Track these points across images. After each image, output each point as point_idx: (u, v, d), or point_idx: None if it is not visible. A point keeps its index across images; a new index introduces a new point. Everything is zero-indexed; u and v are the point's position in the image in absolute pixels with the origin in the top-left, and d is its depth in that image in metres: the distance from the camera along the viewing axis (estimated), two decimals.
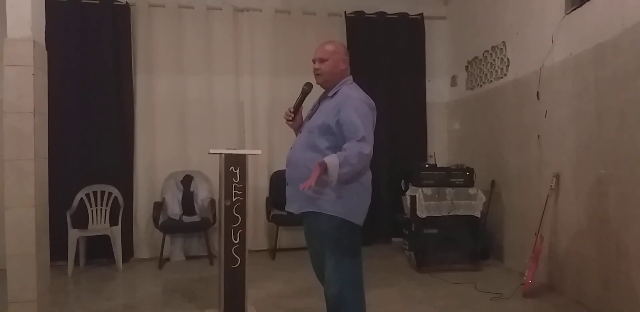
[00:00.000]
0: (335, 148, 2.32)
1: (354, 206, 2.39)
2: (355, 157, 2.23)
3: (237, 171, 2.88)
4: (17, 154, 2.69)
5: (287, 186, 2.51)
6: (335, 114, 2.33)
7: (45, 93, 2.90)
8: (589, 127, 3.25)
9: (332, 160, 2.21)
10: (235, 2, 5.22)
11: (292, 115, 2.54)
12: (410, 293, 3.70)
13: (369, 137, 2.30)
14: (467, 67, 5.26)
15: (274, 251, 4.95)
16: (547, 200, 3.65)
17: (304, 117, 2.60)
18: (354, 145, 2.25)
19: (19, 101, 2.68)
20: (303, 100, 2.54)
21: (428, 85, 5.66)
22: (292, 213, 2.50)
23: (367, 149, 2.27)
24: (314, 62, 2.48)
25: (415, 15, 5.58)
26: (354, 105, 2.34)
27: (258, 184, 5.14)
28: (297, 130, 2.58)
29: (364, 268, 2.47)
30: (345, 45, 5.31)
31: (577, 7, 3.37)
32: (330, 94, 2.46)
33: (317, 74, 2.47)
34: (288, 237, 5.14)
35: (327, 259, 2.39)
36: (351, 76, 2.54)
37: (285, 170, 2.57)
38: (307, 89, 2.54)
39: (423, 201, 4.19)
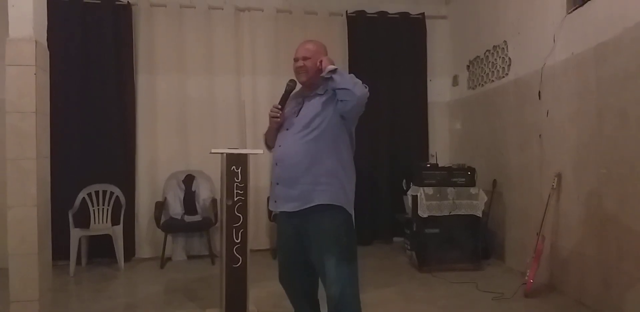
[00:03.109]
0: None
1: (351, 198, 2.40)
2: (359, 81, 2.29)
3: (239, 170, 2.89)
4: (19, 154, 2.69)
5: (276, 186, 2.45)
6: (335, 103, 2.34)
7: (47, 93, 2.91)
8: (591, 126, 3.25)
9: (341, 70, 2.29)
10: (236, 1, 5.22)
11: (281, 111, 2.46)
12: (411, 293, 3.70)
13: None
14: (468, 66, 5.25)
15: (275, 251, 4.95)
16: (548, 199, 3.64)
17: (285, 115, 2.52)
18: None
19: (20, 101, 2.69)
20: (288, 96, 2.52)
21: (429, 84, 5.66)
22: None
23: (366, 90, 2.32)
24: (297, 61, 2.45)
25: (417, 14, 5.58)
26: None
27: (259, 184, 5.13)
28: (277, 128, 2.50)
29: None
30: (347, 44, 5.38)
31: (578, 6, 3.37)
32: (320, 91, 2.42)
33: (302, 71, 2.43)
34: None
35: (326, 258, 2.33)
36: None
37: None
38: (292, 85, 2.52)
39: (424, 201, 4.19)
